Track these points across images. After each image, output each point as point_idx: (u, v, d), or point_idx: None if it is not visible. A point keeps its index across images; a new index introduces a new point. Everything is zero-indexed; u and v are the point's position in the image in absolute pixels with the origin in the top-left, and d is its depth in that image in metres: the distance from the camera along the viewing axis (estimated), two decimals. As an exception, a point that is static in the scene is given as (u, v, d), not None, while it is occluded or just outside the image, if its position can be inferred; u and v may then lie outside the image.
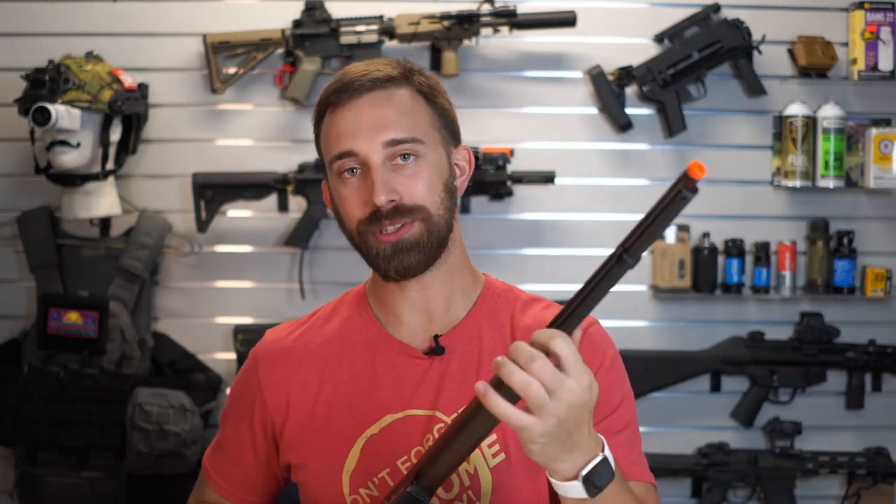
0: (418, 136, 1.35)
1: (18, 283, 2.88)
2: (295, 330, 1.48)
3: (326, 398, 1.40)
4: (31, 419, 2.66)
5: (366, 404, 1.38)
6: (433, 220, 1.34)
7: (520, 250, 2.91)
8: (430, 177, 1.35)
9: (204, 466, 1.53)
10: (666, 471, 2.87)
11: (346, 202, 1.35)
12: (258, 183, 2.82)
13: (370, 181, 1.32)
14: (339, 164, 1.35)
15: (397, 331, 1.41)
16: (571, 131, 2.92)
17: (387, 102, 1.35)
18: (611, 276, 1.03)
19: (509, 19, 2.78)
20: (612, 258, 1.03)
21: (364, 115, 1.34)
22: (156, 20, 2.87)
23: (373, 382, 1.39)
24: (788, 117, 2.88)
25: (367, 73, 1.36)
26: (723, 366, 2.91)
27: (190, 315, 2.90)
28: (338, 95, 1.36)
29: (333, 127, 1.36)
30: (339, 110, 1.35)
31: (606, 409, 1.35)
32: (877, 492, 2.89)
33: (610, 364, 1.39)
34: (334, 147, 1.35)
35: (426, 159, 1.35)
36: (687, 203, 0.98)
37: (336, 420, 1.39)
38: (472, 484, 1.35)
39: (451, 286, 1.40)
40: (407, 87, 1.37)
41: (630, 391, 1.43)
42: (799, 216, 2.95)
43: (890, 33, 2.85)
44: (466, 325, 1.40)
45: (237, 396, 1.50)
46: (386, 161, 1.33)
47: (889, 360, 2.90)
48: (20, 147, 2.83)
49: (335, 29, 2.81)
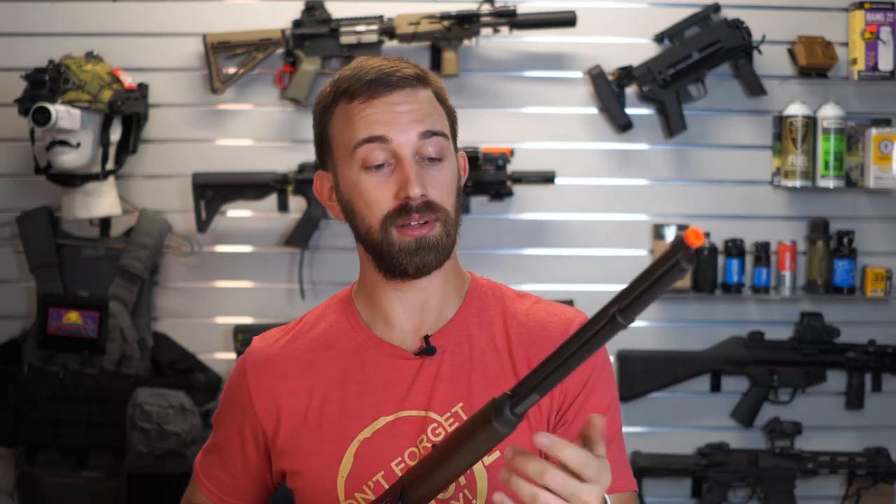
0: (447, 132, 1.36)
1: (18, 283, 2.88)
2: (282, 337, 1.46)
3: (317, 404, 1.39)
4: (31, 419, 2.66)
5: (357, 408, 1.37)
6: (450, 222, 1.35)
7: (520, 250, 2.91)
8: (451, 179, 1.36)
9: (195, 469, 1.52)
10: (666, 471, 2.87)
11: (371, 194, 1.33)
12: (258, 183, 2.82)
13: (402, 175, 1.31)
14: (366, 149, 1.32)
15: (386, 333, 1.40)
16: (571, 131, 2.92)
17: (417, 98, 1.35)
18: (601, 335, 0.98)
19: (509, 19, 2.78)
20: (603, 316, 0.97)
21: (401, 108, 1.33)
22: (156, 20, 2.87)
23: (363, 386, 1.38)
24: (788, 117, 2.88)
25: (396, 68, 1.35)
26: (723, 366, 2.91)
27: (190, 315, 2.90)
28: (369, 86, 1.34)
29: (362, 113, 1.33)
30: (371, 100, 1.33)
31: (599, 410, 1.36)
32: (877, 492, 2.89)
33: (601, 368, 1.40)
34: (363, 131, 1.33)
35: (449, 161, 1.36)
36: (685, 274, 0.92)
37: (328, 426, 1.38)
38: (467, 483, 1.35)
39: (446, 287, 1.41)
40: (429, 88, 1.38)
41: (616, 397, 1.43)
42: (799, 216, 2.95)
43: (890, 33, 2.85)
44: (455, 324, 1.40)
45: (227, 404, 1.49)
46: (415, 156, 1.33)
47: (889, 360, 2.90)
48: (20, 147, 2.83)
49: (335, 29, 2.81)
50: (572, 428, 1.35)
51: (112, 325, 2.73)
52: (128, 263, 2.79)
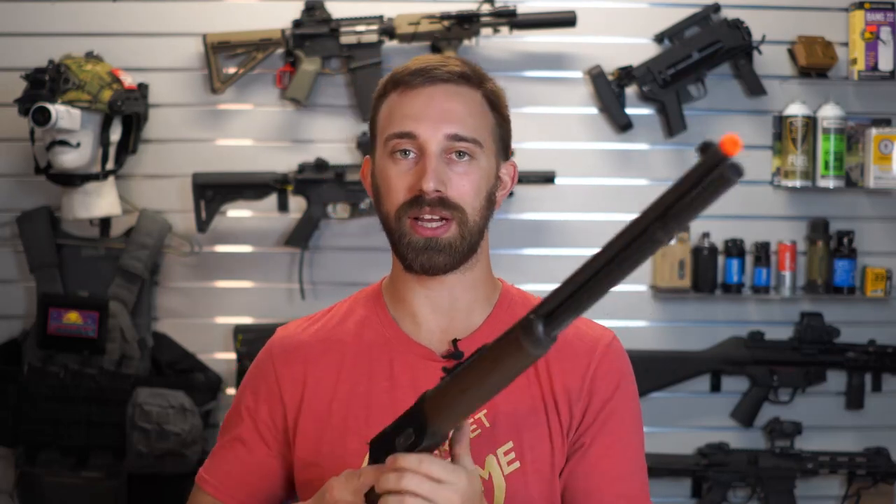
0: (479, 138, 1.36)
1: (18, 283, 2.88)
2: (310, 326, 1.46)
3: (343, 396, 1.39)
4: (31, 419, 2.66)
5: (383, 406, 1.36)
6: (469, 224, 1.35)
7: (520, 250, 2.91)
8: (478, 181, 1.36)
9: (200, 478, 1.47)
10: (666, 471, 2.87)
11: (392, 181, 1.35)
12: (258, 183, 2.82)
13: (422, 167, 1.33)
14: (395, 142, 1.35)
15: (414, 331, 1.40)
16: (571, 131, 2.92)
17: (459, 98, 1.36)
18: (641, 248, 0.93)
19: (509, 19, 2.78)
20: (641, 229, 0.93)
21: (435, 104, 1.35)
22: (156, 20, 2.87)
23: (390, 384, 1.38)
24: (788, 117, 2.88)
25: (445, 64, 1.37)
26: (723, 366, 2.91)
27: (190, 315, 2.90)
28: (412, 77, 1.36)
29: (400, 106, 1.36)
30: (410, 92, 1.36)
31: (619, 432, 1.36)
32: (877, 492, 2.89)
33: (625, 385, 1.39)
34: (396, 125, 1.35)
35: (479, 163, 1.36)
36: (732, 184, 0.88)
37: (353, 421, 1.37)
38: (485, 490, 1.33)
39: (475, 293, 1.41)
40: (478, 90, 1.38)
41: (638, 421, 1.41)
42: (799, 216, 2.95)
43: (890, 33, 2.85)
44: (484, 331, 1.39)
45: (250, 389, 1.45)
46: (442, 153, 1.34)
47: (889, 360, 2.90)
48: (20, 147, 2.83)
49: (335, 29, 2.81)
50: (587, 455, 1.34)
51: (112, 325, 2.73)
52: (128, 263, 2.79)
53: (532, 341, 1.01)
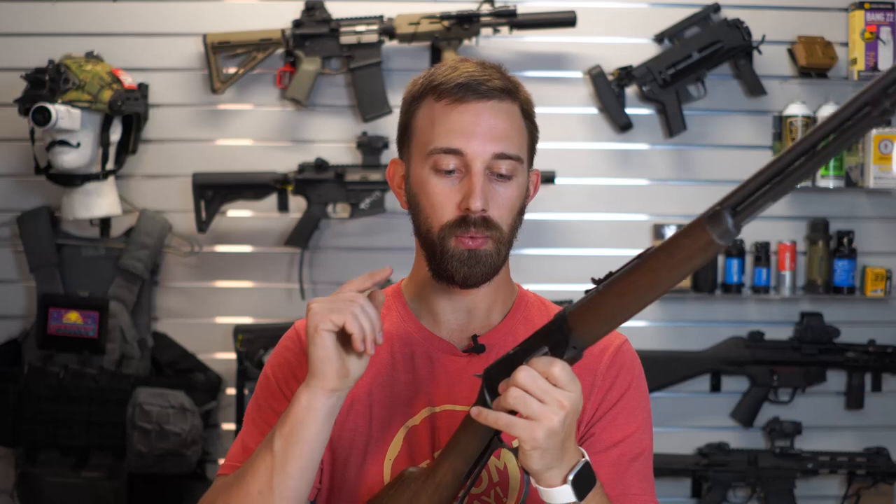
0: (521, 154, 1.38)
1: (18, 283, 2.88)
2: None
3: (367, 382, 1.39)
4: (31, 419, 2.66)
5: (406, 395, 1.39)
6: (503, 241, 1.37)
7: (520, 250, 2.91)
8: (515, 199, 1.37)
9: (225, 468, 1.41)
10: (666, 471, 2.87)
11: (437, 197, 1.35)
12: (258, 183, 2.82)
13: (469, 185, 1.33)
14: (440, 157, 1.35)
15: (436, 328, 1.43)
16: (571, 131, 2.92)
17: (503, 114, 1.38)
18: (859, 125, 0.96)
19: (509, 19, 2.78)
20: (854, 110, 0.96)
21: (482, 121, 1.35)
22: (156, 20, 2.87)
23: (412, 375, 1.40)
24: (788, 117, 2.88)
25: (489, 78, 1.38)
26: (723, 366, 2.91)
27: (190, 315, 2.90)
28: (459, 90, 1.36)
29: (446, 119, 1.36)
30: (457, 106, 1.36)
31: (627, 430, 1.37)
32: (877, 492, 2.89)
33: (637, 384, 1.42)
34: (442, 140, 1.35)
35: (518, 180, 1.37)
36: None
37: (378, 408, 1.39)
38: (500, 480, 1.37)
39: (495, 296, 1.43)
40: (516, 103, 1.41)
41: (647, 419, 1.42)
42: (799, 216, 2.95)
43: (890, 33, 2.85)
44: (504, 328, 1.43)
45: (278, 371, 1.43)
46: (486, 170, 1.34)
47: (889, 360, 2.90)
48: (20, 147, 2.83)
49: (335, 29, 2.81)
50: (596, 441, 1.37)
51: (112, 325, 2.73)
52: (128, 263, 2.79)
53: (720, 232, 1.02)
